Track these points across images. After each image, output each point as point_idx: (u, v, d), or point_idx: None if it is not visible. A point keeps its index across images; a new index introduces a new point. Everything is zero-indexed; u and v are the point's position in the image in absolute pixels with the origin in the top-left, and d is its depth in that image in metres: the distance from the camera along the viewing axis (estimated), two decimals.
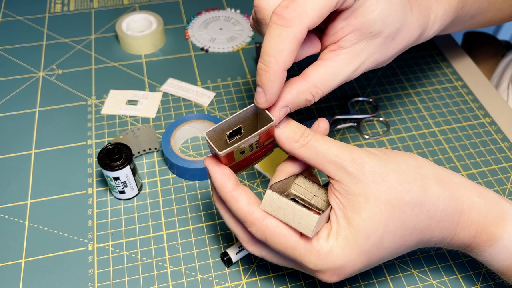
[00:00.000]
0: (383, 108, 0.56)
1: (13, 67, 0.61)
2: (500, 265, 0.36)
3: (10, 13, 0.69)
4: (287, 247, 0.33)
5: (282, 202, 0.32)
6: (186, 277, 0.42)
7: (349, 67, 0.36)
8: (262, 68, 0.31)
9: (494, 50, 0.71)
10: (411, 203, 0.33)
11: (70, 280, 0.42)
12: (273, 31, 0.31)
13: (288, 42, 0.30)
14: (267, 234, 0.33)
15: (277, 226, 0.33)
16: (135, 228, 0.45)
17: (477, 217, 0.34)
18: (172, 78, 0.59)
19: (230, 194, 0.34)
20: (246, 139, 0.33)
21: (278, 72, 0.31)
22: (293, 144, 0.34)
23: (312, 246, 0.32)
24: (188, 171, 0.48)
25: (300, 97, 0.34)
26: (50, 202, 0.47)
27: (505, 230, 0.34)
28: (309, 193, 0.37)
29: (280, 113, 0.34)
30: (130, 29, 0.63)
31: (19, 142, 0.52)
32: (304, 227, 0.31)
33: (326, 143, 0.33)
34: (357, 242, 0.32)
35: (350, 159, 0.33)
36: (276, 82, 0.32)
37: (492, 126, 0.55)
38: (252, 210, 0.33)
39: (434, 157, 0.52)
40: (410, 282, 0.42)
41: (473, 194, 0.35)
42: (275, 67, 0.31)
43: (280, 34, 0.30)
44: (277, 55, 0.31)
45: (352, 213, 0.32)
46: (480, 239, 0.35)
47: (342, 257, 0.32)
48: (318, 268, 0.33)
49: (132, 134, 0.48)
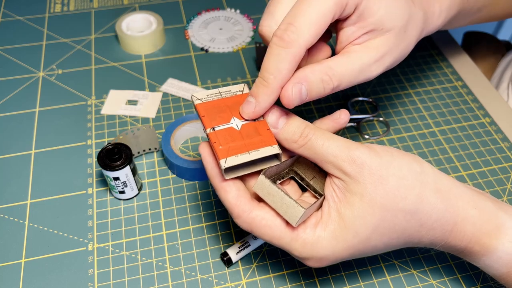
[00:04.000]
0: (383, 108, 0.56)
1: (13, 67, 0.61)
2: (495, 272, 0.36)
3: (10, 13, 0.68)
4: (273, 237, 0.34)
5: (272, 189, 0.33)
6: (186, 277, 0.42)
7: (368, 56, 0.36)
8: (262, 82, 0.33)
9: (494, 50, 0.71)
10: (404, 209, 0.33)
11: (70, 280, 0.42)
12: (273, 51, 0.33)
13: (286, 61, 0.33)
14: (253, 226, 0.34)
15: (263, 218, 0.34)
16: (135, 228, 0.45)
17: (471, 229, 0.35)
18: (172, 78, 0.59)
19: (219, 184, 0.35)
20: None
21: (275, 89, 0.33)
22: (292, 144, 0.34)
23: (298, 234, 0.33)
24: (188, 171, 0.48)
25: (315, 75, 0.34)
26: (50, 202, 0.47)
27: (499, 242, 0.34)
28: (309, 174, 0.38)
29: (294, 89, 0.33)
30: (130, 29, 0.63)
31: (19, 142, 0.52)
32: (290, 216, 0.33)
33: (325, 142, 0.33)
34: (345, 238, 0.33)
35: (349, 160, 0.33)
36: (270, 97, 0.33)
37: (492, 126, 0.55)
38: (239, 203, 0.34)
39: (434, 157, 0.52)
40: (410, 282, 0.42)
41: (470, 206, 0.35)
42: (273, 83, 0.33)
43: (279, 54, 0.33)
44: (276, 73, 0.33)
45: (346, 209, 0.33)
46: (473, 249, 0.35)
47: (327, 249, 0.33)
48: (303, 255, 0.34)
49: (132, 134, 0.48)
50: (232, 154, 0.33)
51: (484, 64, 0.70)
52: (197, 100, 0.36)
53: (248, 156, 0.33)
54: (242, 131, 0.34)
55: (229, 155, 0.33)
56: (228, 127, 0.35)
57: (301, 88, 0.34)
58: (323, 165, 0.34)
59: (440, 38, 0.65)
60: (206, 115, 0.35)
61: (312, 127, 0.34)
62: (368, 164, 0.33)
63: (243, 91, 0.37)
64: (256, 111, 0.34)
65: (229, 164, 0.33)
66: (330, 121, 0.37)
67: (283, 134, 0.34)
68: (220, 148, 0.33)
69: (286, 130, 0.34)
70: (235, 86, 0.37)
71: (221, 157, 0.33)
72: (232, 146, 0.34)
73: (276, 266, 0.43)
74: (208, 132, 0.34)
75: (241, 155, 0.33)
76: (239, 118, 0.35)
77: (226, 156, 0.33)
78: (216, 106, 0.36)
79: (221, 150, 0.33)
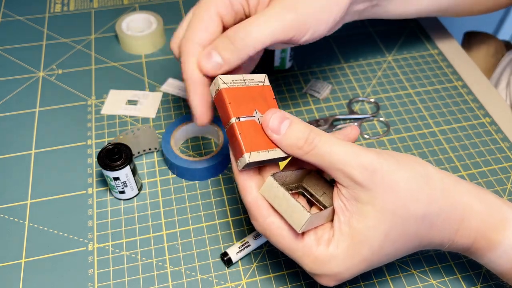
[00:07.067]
0: (383, 108, 0.56)
1: (13, 67, 0.61)
2: (500, 268, 0.36)
3: (10, 13, 0.68)
4: (285, 248, 0.33)
5: (279, 192, 0.32)
6: (186, 277, 0.42)
7: (281, 13, 0.38)
8: None
9: (494, 50, 0.71)
10: (415, 214, 0.32)
11: (70, 280, 0.42)
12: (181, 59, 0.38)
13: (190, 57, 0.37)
14: (267, 232, 0.34)
15: (278, 226, 0.33)
16: (135, 228, 0.45)
17: (477, 224, 0.34)
18: (172, 78, 0.59)
19: (242, 183, 0.34)
20: None
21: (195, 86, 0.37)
22: (297, 151, 0.33)
23: (310, 251, 0.32)
24: (188, 171, 0.48)
25: (231, 38, 0.36)
26: (50, 202, 0.47)
27: (504, 236, 0.34)
28: (319, 190, 0.36)
29: (203, 57, 0.37)
30: (130, 29, 0.63)
31: (19, 142, 0.52)
32: (294, 221, 0.31)
33: (333, 149, 0.32)
34: (359, 252, 0.32)
35: (359, 167, 0.31)
36: (194, 95, 0.37)
37: (492, 126, 0.55)
38: (259, 206, 0.33)
39: (434, 157, 0.52)
40: (410, 282, 0.42)
41: (475, 201, 0.34)
42: None
43: None
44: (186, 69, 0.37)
45: (358, 222, 0.32)
46: (479, 244, 0.35)
47: (341, 266, 0.32)
48: (315, 272, 0.33)
49: (132, 134, 0.48)
50: (255, 149, 0.32)
51: (484, 64, 0.70)
52: (223, 84, 0.33)
53: (267, 154, 0.32)
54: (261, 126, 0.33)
55: (252, 150, 0.32)
56: (251, 119, 0.33)
57: (212, 53, 0.36)
58: (331, 173, 0.32)
59: (440, 38, 0.65)
60: (232, 102, 0.33)
61: (318, 132, 0.33)
62: (379, 170, 0.31)
63: (264, 82, 0.36)
64: (196, 115, 0.37)
65: (253, 160, 0.31)
66: (342, 136, 0.36)
67: (287, 140, 0.33)
68: (246, 141, 0.32)
69: (290, 136, 0.33)
70: (257, 76, 0.36)
71: (247, 150, 0.32)
72: (255, 141, 0.32)
73: (276, 266, 0.43)
74: (234, 122, 0.32)
75: (262, 152, 0.32)
76: (260, 112, 0.34)
77: (250, 150, 0.32)
78: (241, 95, 0.33)
79: (247, 144, 0.32)
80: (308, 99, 0.57)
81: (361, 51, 0.64)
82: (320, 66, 0.61)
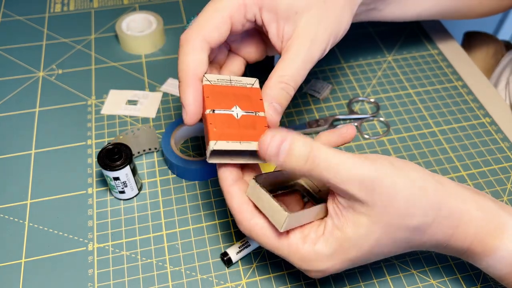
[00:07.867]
0: (383, 108, 0.56)
1: (13, 67, 0.61)
2: (498, 273, 0.36)
3: (10, 13, 0.68)
4: (271, 247, 0.35)
5: (261, 193, 0.33)
6: (186, 277, 0.42)
7: (302, 45, 0.37)
8: None
9: (494, 50, 0.71)
10: (409, 225, 0.33)
11: (70, 280, 0.42)
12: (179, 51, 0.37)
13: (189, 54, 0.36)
14: (252, 233, 0.35)
15: (262, 227, 0.34)
16: (135, 228, 0.45)
17: (474, 230, 0.34)
18: (172, 78, 0.59)
19: (226, 189, 0.35)
20: None
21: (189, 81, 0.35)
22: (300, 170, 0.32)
23: (297, 249, 0.34)
24: (188, 171, 0.48)
25: (274, 89, 0.36)
26: (50, 202, 0.47)
27: (502, 242, 0.34)
28: (316, 187, 0.38)
29: (269, 110, 0.36)
30: (130, 29, 0.63)
31: (19, 142, 0.52)
32: (276, 221, 0.33)
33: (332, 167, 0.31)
34: (347, 253, 0.33)
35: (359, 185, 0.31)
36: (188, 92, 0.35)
37: (492, 126, 0.55)
38: (243, 209, 0.35)
39: (434, 157, 0.52)
40: (410, 282, 0.42)
41: (472, 208, 0.34)
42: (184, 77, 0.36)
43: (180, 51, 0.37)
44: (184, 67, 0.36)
45: (352, 229, 0.33)
46: (476, 249, 0.35)
47: (327, 263, 0.33)
48: (302, 268, 0.34)
49: (132, 134, 0.48)
50: (224, 139, 0.33)
51: (484, 64, 0.70)
52: (206, 81, 0.36)
53: (238, 145, 0.33)
54: (240, 121, 0.34)
55: (221, 139, 0.33)
56: (228, 113, 0.34)
57: (274, 106, 0.36)
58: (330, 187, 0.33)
59: (440, 38, 0.65)
60: (210, 97, 0.35)
61: (317, 148, 0.31)
62: (378, 185, 0.31)
63: (253, 84, 0.37)
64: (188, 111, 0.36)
65: (218, 147, 0.32)
66: (337, 135, 0.37)
67: (289, 164, 0.31)
68: (214, 130, 0.33)
69: (291, 159, 0.31)
70: (247, 79, 0.37)
71: (212, 138, 0.33)
72: (226, 131, 0.33)
73: (276, 266, 0.43)
74: (207, 113, 0.34)
75: (232, 142, 0.33)
76: (242, 109, 0.35)
77: (217, 139, 0.33)
78: (222, 92, 0.35)
79: (215, 132, 0.33)
80: (308, 99, 0.57)
81: (361, 51, 0.64)
82: (320, 66, 0.61)
